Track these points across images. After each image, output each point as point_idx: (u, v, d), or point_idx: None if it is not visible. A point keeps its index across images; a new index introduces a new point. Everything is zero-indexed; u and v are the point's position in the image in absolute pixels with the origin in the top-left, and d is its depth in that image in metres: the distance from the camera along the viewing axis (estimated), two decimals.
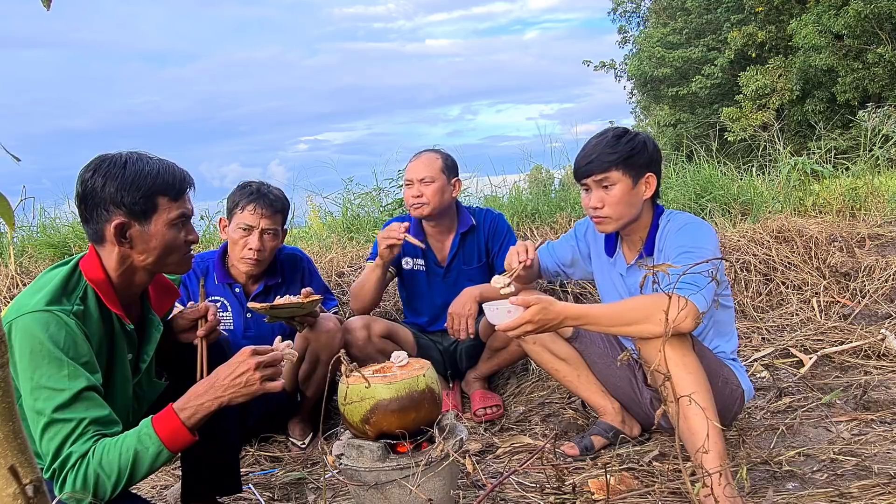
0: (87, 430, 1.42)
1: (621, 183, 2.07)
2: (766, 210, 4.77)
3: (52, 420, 1.41)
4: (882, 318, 3.32)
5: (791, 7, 18.36)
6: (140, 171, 1.57)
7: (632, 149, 2.08)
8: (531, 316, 1.80)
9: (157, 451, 1.45)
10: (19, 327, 1.45)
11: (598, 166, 2.08)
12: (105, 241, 1.59)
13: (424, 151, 2.94)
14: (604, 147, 2.09)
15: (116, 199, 1.54)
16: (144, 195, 1.56)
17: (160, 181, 1.59)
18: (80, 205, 1.59)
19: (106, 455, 1.41)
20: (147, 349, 1.73)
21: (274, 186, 2.65)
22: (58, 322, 1.46)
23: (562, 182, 6.33)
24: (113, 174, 1.55)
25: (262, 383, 1.54)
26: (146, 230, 1.58)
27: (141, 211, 1.57)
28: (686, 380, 1.78)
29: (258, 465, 2.52)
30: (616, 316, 1.84)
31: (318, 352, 2.52)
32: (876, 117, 5.91)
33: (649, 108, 24.32)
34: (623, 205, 2.09)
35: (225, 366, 1.57)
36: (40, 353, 1.43)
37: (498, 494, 1.97)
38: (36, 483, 0.71)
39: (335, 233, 5.18)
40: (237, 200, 2.57)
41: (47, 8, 0.79)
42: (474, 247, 2.95)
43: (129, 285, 1.64)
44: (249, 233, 2.53)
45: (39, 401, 1.42)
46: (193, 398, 1.52)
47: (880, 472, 1.95)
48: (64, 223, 4.73)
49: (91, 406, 1.45)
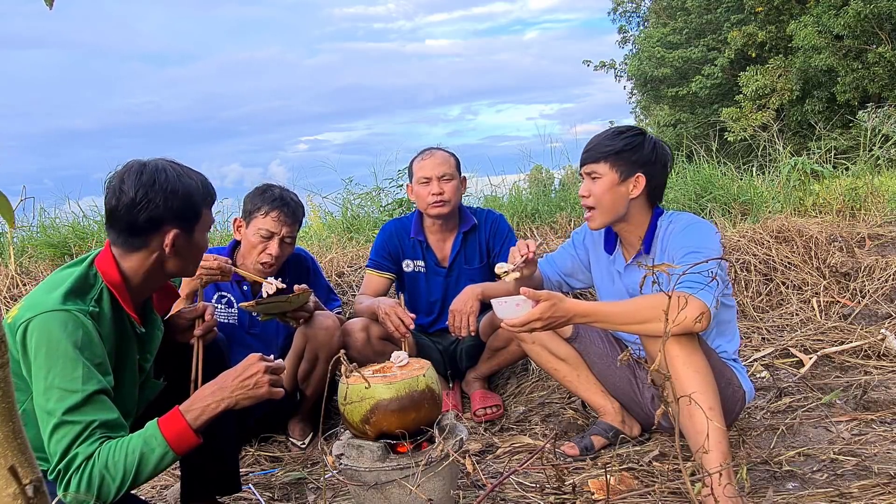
0: (94, 433, 1.43)
1: (607, 176, 2.10)
2: (766, 210, 4.77)
3: (63, 421, 1.42)
4: (882, 318, 3.32)
5: (791, 7, 18.35)
6: (190, 186, 1.64)
7: (625, 145, 2.09)
8: (540, 313, 1.79)
9: (163, 452, 1.46)
10: (36, 325, 1.45)
11: (592, 156, 2.13)
12: (144, 248, 1.60)
13: (435, 149, 2.93)
14: (603, 139, 2.13)
15: (177, 213, 1.60)
16: (195, 207, 1.64)
17: (202, 193, 1.67)
18: (128, 212, 1.57)
19: (112, 456, 1.42)
20: (150, 349, 1.75)
21: (293, 192, 2.64)
22: (75, 322, 1.47)
23: (562, 182, 6.33)
24: (171, 189, 1.59)
25: (268, 387, 1.58)
26: (192, 240, 1.66)
27: (192, 222, 1.64)
28: (694, 379, 1.78)
29: (258, 465, 2.52)
30: (626, 314, 1.82)
31: (316, 350, 2.52)
32: (876, 117, 5.91)
33: (649, 108, 24.30)
34: (607, 199, 2.11)
35: (232, 370, 1.60)
36: (56, 353, 1.43)
37: (498, 494, 1.97)
38: (36, 483, 0.71)
39: (335, 233, 5.18)
40: (259, 205, 2.54)
41: (50, 7, 0.79)
42: (475, 247, 2.95)
43: (145, 289, 1.67)
44: (270, 239, 2.52)
45: (51, 401, 1.42)
46: (200, 399, 1.54)
47: (880, 472, 1.95)
48: (64, 223, 4.73)
49: (101, 409, 1.45)
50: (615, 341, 2.33)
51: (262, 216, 2.52)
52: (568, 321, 1.85)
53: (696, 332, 1.80)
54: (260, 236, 2.52)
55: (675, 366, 1.79)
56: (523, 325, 1.81)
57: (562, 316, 1.81)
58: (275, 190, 2.58)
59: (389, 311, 2.56)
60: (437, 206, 2.80)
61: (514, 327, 1.84)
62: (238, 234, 2.64)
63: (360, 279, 3.81)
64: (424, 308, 3.00)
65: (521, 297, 1.80)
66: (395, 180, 5.50)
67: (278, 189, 2.60)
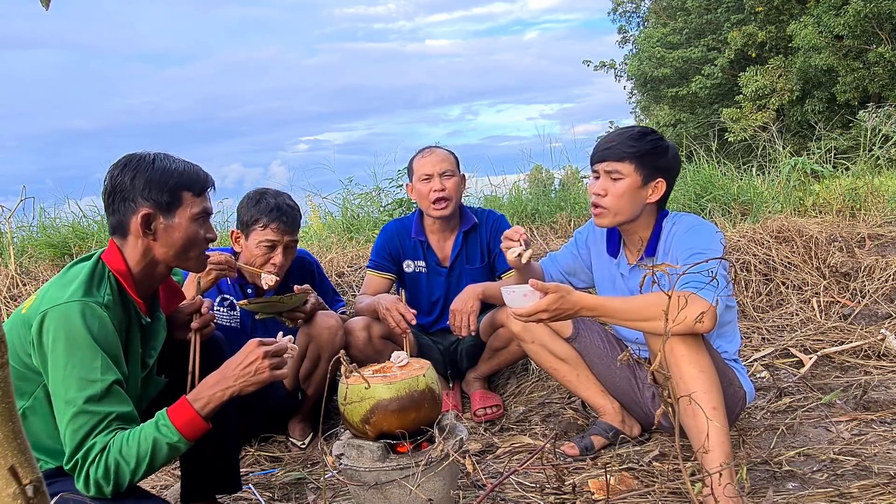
0: (111, 425, 1.47)
1: (630, 178, 2.06)
2: (766, 210, 4.77)
3: (82, 411, 1.44)
4: (882, 318, 3.32)
5: (791, 7, 18.35)
6: (167, 167, 1.65)
7: (653, 148, 2.06)
8: (547, 304, 1.78)
9: (176, 440, 1.50)
10: (56, 315, 1.47)
11: (615, 153, 2.07)
12: (129, 234, 1.64)
13: (434, 147, 2.94)
14: (627, 138, 2.08)
15: (144, 192, 1.62)
16: (171, 189, 1.64)
17: (185, 177, 1.67)
18: (108, 198, 1.66)
19: (125, 444, 1.45)
20: (154, 345, 1.76)
21: (287, 196, 2.60)
22: (93, 312, 1.50)
23: (562, 182, 6.33)
24: (142, 169, 1.63)
25: (270, 371, 1.60)
26: (171, 223, 1.65)
27: (167, 204, 1.64)
28: (699, 378, 1.77)
29: (258, 465, 2.52)
30: (633, 310, 1.81)
31: (319, 349, 2.52)
32: (876, 117, 5.91)
33: (649, 108, 24.30)
34: (625, 201, 2.07)
35: (233, 358, 1.62)
36: (77, 342, 1.46)
37: (498, 494, 1.97)
38: (36, 483, 0.71)
39: (335, 233, 5.19)
40: (256, 216, 2.49)
41: (46, 8, 0.79)
42: (476, 246, 2.95)
43: (148, 279, 1.69)
44: (273, 249, 2.50)
45: (71, 390, 1.45)
46: (205, 389, 1.57)
47: (880, 472, 1.95)
48: (64, 223, 4.73)
49: (119, 401, 1.49)
50: (615, 341, 2.33)
51: (262, 228, 2.48)
52: (575, 314, 1.84)
53: (700, 332, 1.79)
54: (263, 248, 2.49)
55: (679, 365, 1.79)
56: (530, 315, 1.81)
57: (569, 308, 1.80)
58: (269, 199, 2.51)
59: (391, 306, 2.55)
60: (439, 203, 2.80)
61: (521, 317, 1.83)
62: (237, 245, 2.60)
63: (361, 279, 3.81)
64: (426, 308, 3.00)
65: (529, 287, 1.80)
66: (395, 180, 5.50)
67: (272, 197, 2.53)
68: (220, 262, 2.32)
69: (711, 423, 1.71)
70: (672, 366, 1.80)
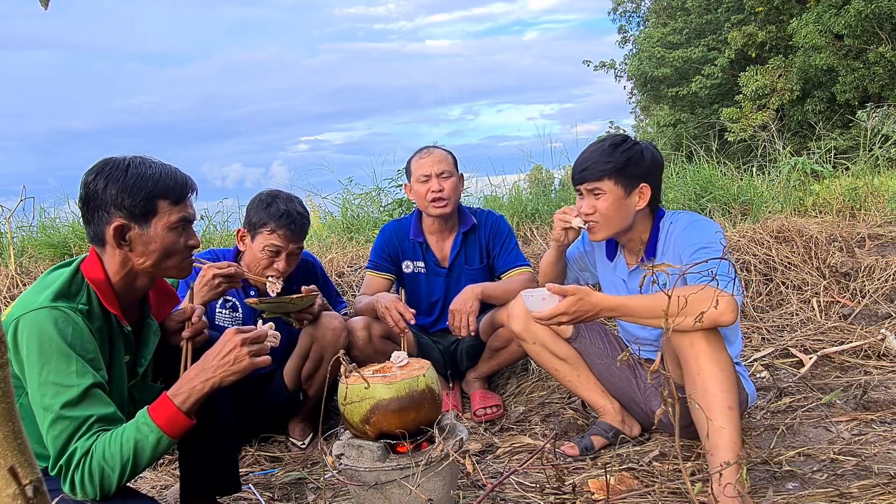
0: (92, 427, 1.45)
1: (612, 193, 2.06)
2: (766, 210, 4.77)
3: (60, 416, 1.43)
4: (882, 318, 3.32)
5: (791, 7, 18.34)
6: (142, 174, 1.58)
7: (627, 159, 2.06)
8: (567, 307, 1.78)
9: (157, 438, 1.48)
10: (27, 323, 1.46)
11: (593, 174, 2.07)
12: (105, 244, 1.60)
13: (432, 147, 2.93)
14: (599, 155, 2.07)
15: (117, 201, 1.56)
16: (145, 198, 1.58)
17: (161, 185, 1.60)
18: (83, 206, 1.61)
19: (107, 448, 1.43)
20: (145, 353, 1.74)
21: (298, 202, 2.58)
22: (66, 318, 1.48)
23: (562, 182, 6.33)
24: (115, 177, 1.57)
25: (250, 359, 1.57)
26: (145, 233, 1.59)
27: (141, 214, 1.58)
28: (718, 377, 1.77)
29: (258, 465, 2.52)
30: (654, 308, 1.80)
31: (322, 350, 2.52)
32: (876, 117, 5.91)
33: (649, 108, 24.31)
34: (613, 214, 2.08)
35: (212, 349, 1.59)
36: (49, 349, 1.44)
37: (498, 494, 1.97)
38: (36, 483, 0.71)
39: (335, 233, 5.19)
40: (265, 220, 2.48)
41: (45, 8, 0.79)
42: (475, 247, 2.95)
43: (129, 288, 1.65)
44: (277, 255, 2.49)
45: (47, 397, 1.43)
46: (185, 382, 1.55)
47: (880, 472, 1.95)
48: (64, 223, 4.74)
49: (98, 404, 1.47)
50: (615, 341, 2.33)
51: (269, 233, 2.47)
52: (595, 315, 1.84)
53: (725, 325, 1.77)
54: (268, 252, 2.48)
55: (699, 361, 1.79)
56: (550, 318, 1.81)
57: (589, 310, 1.80)
58: (280, 204, 2.50)
59: (390, 305, 2.55)
60: (437, 203, 2.79)
61: (542, 320, 1.84)
62: (242, 244, 2.59)
63: (360, 279, 3.81)
64: (425, 309, 3.00)
65: (547, 291, 1.80)
66: (395, 180, 5.50)
67: (284, 202, 2.51)
68: (229, 274, 2.28)
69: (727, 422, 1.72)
70: (692, 361, 1.80)
